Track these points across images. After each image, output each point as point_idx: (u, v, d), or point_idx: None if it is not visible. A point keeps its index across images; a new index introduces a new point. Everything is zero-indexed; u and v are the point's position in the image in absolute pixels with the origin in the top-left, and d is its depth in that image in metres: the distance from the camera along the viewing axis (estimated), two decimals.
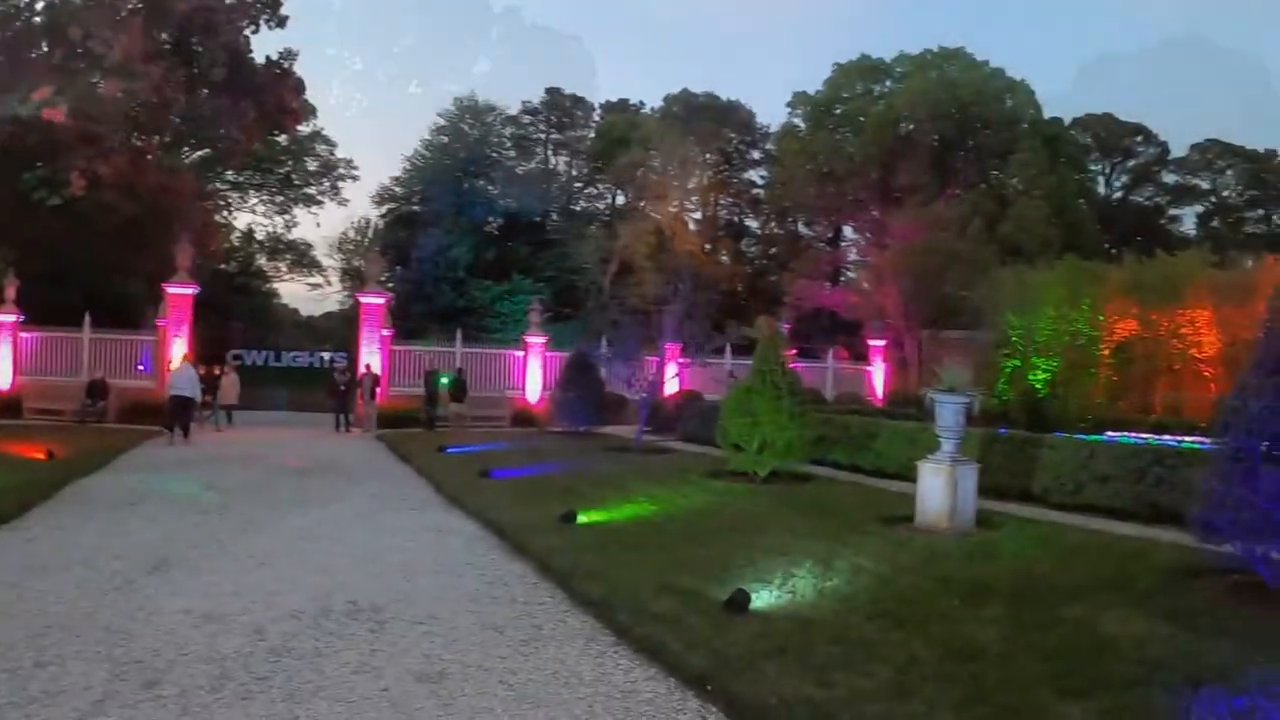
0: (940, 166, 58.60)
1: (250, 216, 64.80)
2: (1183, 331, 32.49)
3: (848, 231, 66.02)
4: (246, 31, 38.85)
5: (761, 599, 8.79)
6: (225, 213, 60.29)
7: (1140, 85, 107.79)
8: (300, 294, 68.94)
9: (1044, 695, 6.58)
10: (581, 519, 13.29)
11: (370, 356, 34.23)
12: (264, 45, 57.65)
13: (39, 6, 34.59)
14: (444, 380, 34.50)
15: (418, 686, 6.81)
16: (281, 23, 39.77)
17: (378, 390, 33.37)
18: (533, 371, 37.84)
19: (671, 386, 33.08)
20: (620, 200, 68.87)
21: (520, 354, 38.35)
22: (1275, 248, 49.49)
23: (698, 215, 67.49)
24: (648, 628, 8.05)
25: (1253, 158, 73.35)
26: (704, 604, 8.71)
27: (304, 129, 55.86)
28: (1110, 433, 22.55)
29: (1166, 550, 11.48)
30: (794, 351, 40.70)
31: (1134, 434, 22.15)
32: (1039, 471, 16.47)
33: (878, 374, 46.33)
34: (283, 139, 56.27)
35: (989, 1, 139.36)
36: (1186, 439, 18.26)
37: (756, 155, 72.68)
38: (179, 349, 31.61)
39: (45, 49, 33.86)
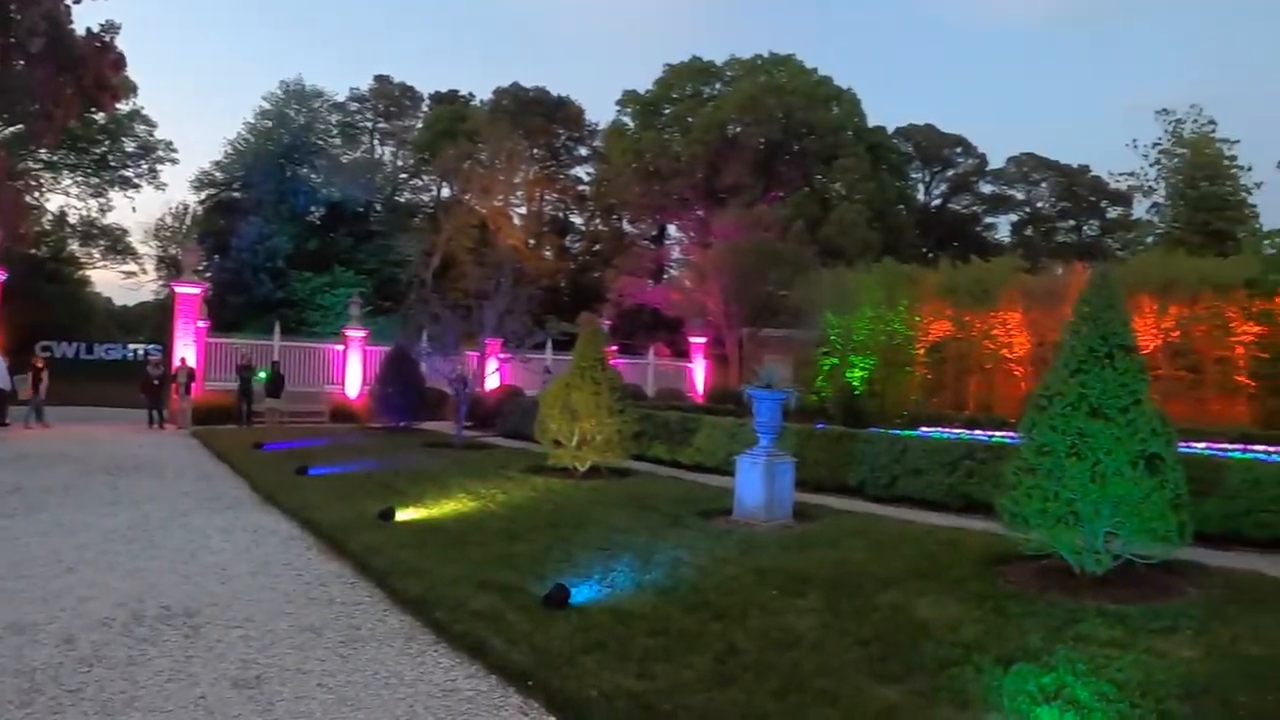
0: (765, 169, 59.66)
1: (63, 199, 61.10)
2: (994, 333, 33.67)
3: (672, 230, 66.60)
4: (68, 0, 37.09)
5: (581, 593, 8.76)
6: (37, 194, 57.14)
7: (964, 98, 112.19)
8: (114, 282, 66.49)
9: (860, 680, 6.73)
10: (400, 516, 13.09)
11: (185, 349, 32.93)
12: (85, 17, 54.92)
13: None
14: (262, 375, 33.59)
15: (234, 693, 6.58)
16: None
17: (193, 385, 32.26)
18: (352, 366, 37.21)
19: (492, 382, 32.88)
20: (445, 193, 67.62)
21: (340, 348, 37.75)
22: (1084, 256, 52.01)
23: (523, 210, 67.05)
24: (467, 625, 7.97)
25: (1065, 171, 76.88)
26: (524, 600, 8.66)
27: (123, 107, 53.17)
28: (925, 428, 23.23)
29: (978, 539, 11.87)
30: (615, 348, 40.97)
31: (947, 429, 22.85)
32: (855, 465, 16.89)
33: (698, 370, 46.92)
34: (100, 117, 53.50)
35: (825, 11, 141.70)
36: (997, 434, 18.92)
37: (584, 152, 72.94)
38: None
39: None
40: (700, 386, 46.11)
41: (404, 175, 71.22)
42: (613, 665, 6.93)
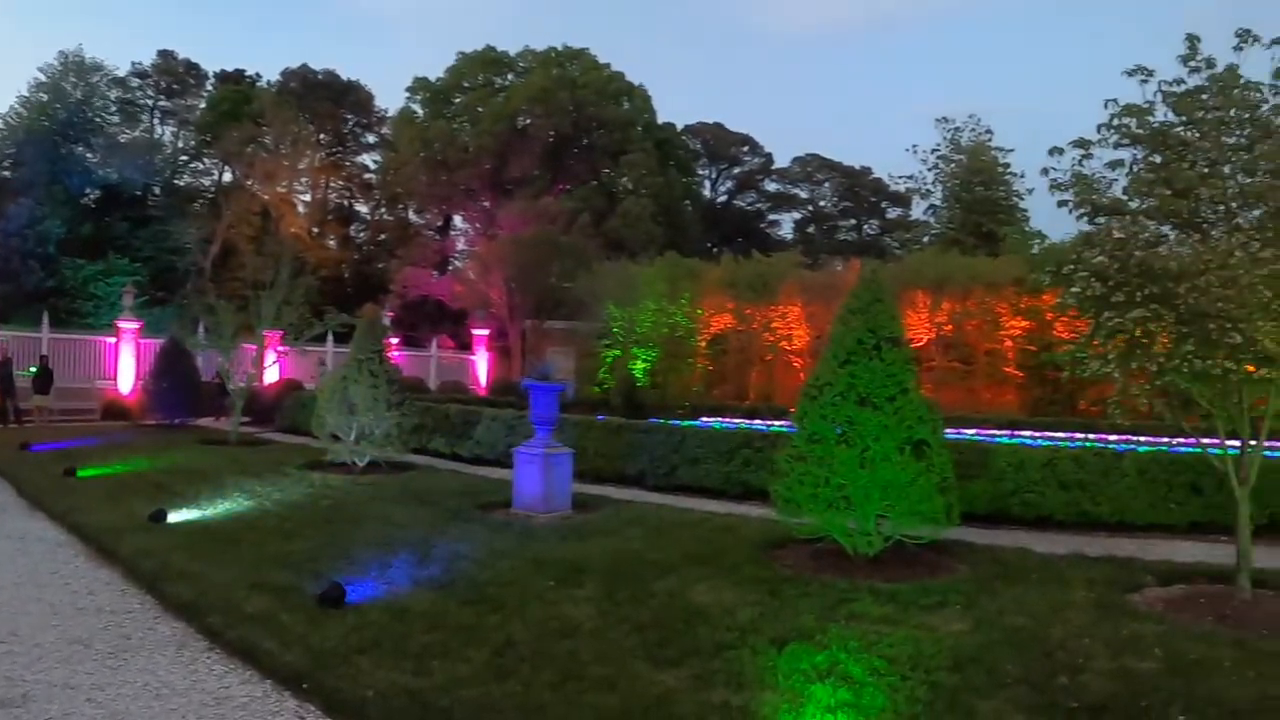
0: (554, 162, 59.66)
1: None
2: (775, 325, 34.50)
3: (458, 221, 65.76)
4: None
5: (358, 592, 8.63)
6: None
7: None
8: None
9: (638, 665, 6.82)
10: (173, 518, 12.68)
11: None
12: None
13: None
14: (33, 369, 31.84)
15: (1, 713, 6.26)
16: None
17: None
18: (125, 360, 35.63)
19: (271, 375, 32.02)
20: (227, 177, 64.72)
21: (113, 340, 36.04)
22: (864, 253, 53.79)
23: (307, 198, 64.79)
24: (241, 629, 7.78)
25: (848, 172, 79.22)
26: (299, 600, 8.50)
27: None
28: (706, 418, 23.61)
29: (754, 524, 12.12)
30: (398, 340, 40.42)
31: (728, 419, 23.27)
32: (635, 456, 17.03)
33: (481, 363, 46.66)
34: None
35: (620, 6, 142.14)
36: (776, 423, 19.33)
37: (372, 139, 70.97)
38: None
39: None
40: (483, 379, 45.86)
41: (185, 157, 67.22)
42: (389, 663, 6.87)
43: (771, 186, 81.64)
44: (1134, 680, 6.71)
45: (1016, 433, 20.35)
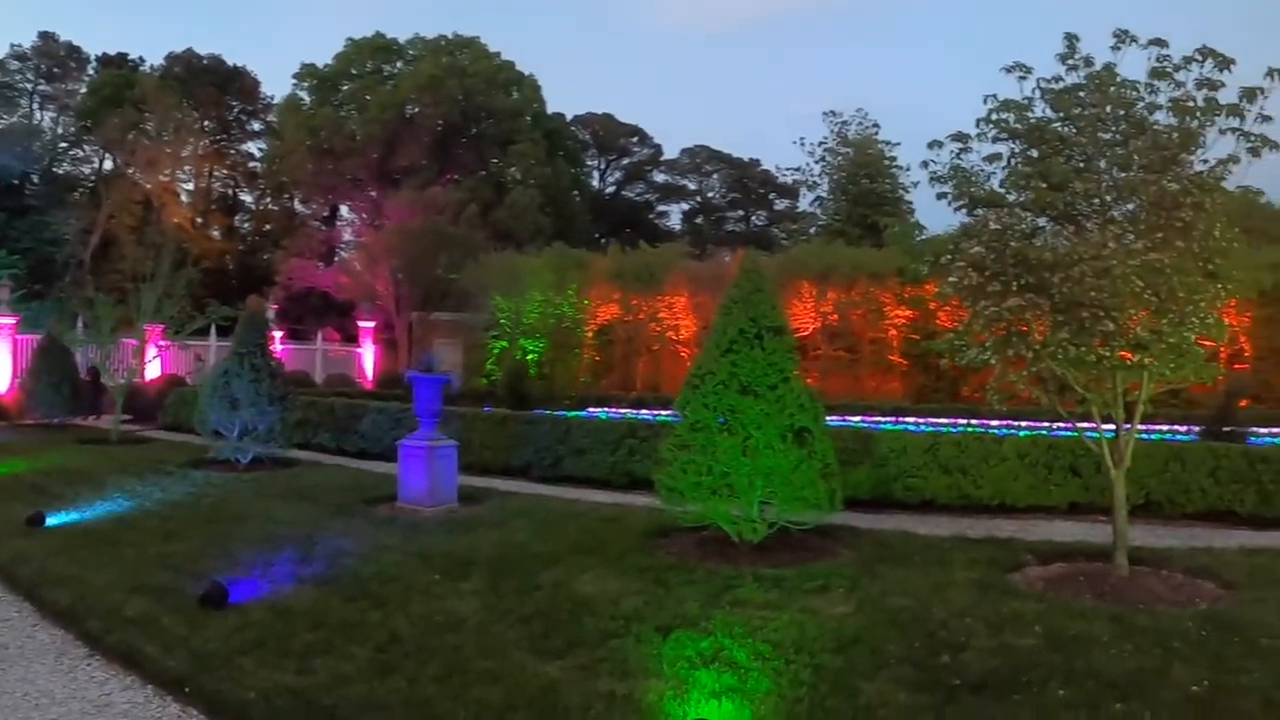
0: (442, 151, 58.92)
1: None
2: (661, 315, 34.58)
3: (344, 211, 64.71)
4: None
5: (241, 591, 8.47)
6: None
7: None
8: None
9: (522, 657, 6.83)
10: (51, 521, 12.29)
11: None
12: None
13: None
14: None
15: None
16: None
17: None
18: (1, 357, 34.56)
19: (152, 371, 31.27)
20: (109, 165, 62.61)
21: None
22: (751, 244, 54.18)
23: (190, 186, 63.30)
24: (121, 633, 7.60)
25: (737, 164, 79.59)
26: (180, 602, 8.33)
27: None
28: (592, 409, 23.63)
29: (640, 514, 12.20)
30: (283, 333, 39.76)
31: (614, 409, 23.32)
32: (521, 447, 17.00)
33: (368, 356, 46.00)
34: None
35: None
36: (662, 413, 19.43)
37: (258, 126, 69.29)
38: None
39: None
40: (370, 372, 45.28)
41: (64, 144, 64.82)
42: (273, 663, 6.79)
43: (660, 178, 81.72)
44: (1014, 656, 6.90)
45: (901, 419, 20.71)
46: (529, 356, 35.26)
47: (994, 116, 9.63)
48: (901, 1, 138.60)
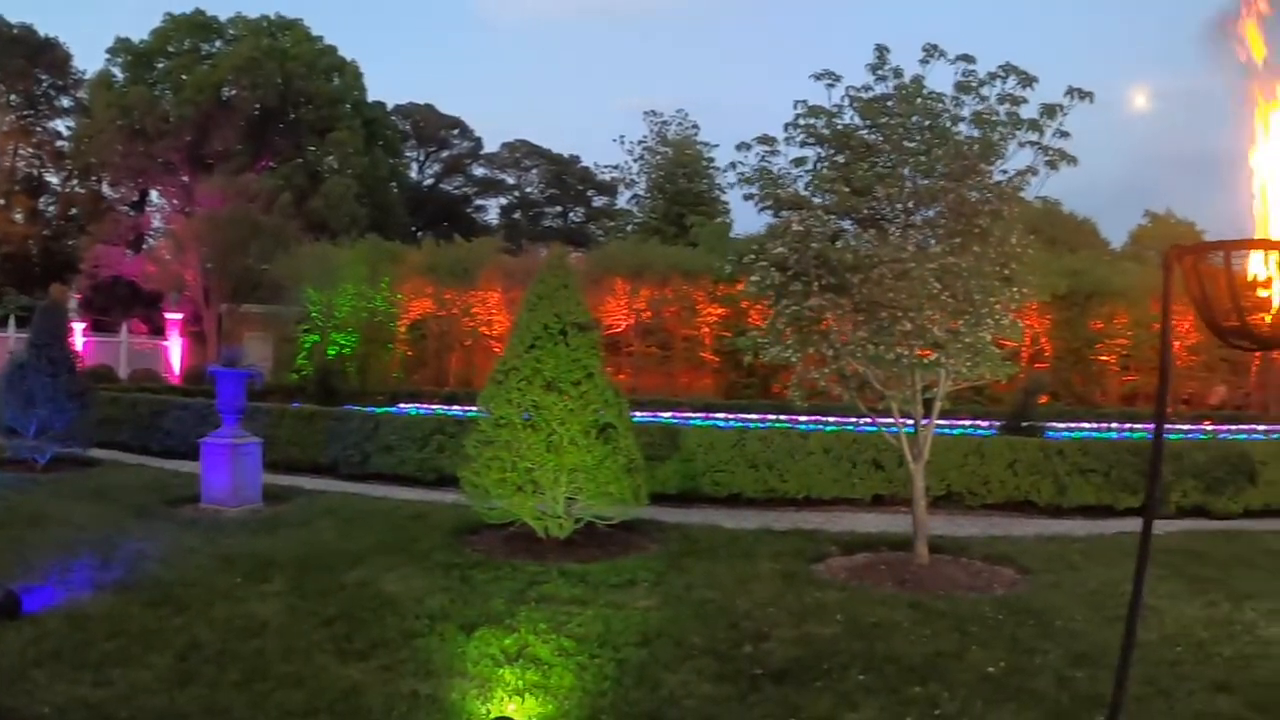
0: (258, 136, 57.28)
1: None
2: (475, 310, 34.35)
3: (155, 196, 62.27)
4: None
5: (35, 599, 8.06)
6: None
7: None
8: None
9: (325, 660, 6.71)
10: None
11: None
12: None
13: None
14: None
15: None
16: None
17: None
18: None
19: None
20: None
21: None
22: (569, 240, 54.36)
23: None
24: None
25: (556, 160, 79.40)
26: None
27: None
28: (404, 404, 23.34)
29: (448, 511, 12.04)
30: (86, 324, 38.26)
31: (426, 405, 23.09)
32: (329, 444, 16.66)
33: (175, 349, 44.53)
34: None
35: None
36: (472, 408, 19.29)
37: (67, 103, 65.74)
38: None
39: None
40: (177, 366, 43.81)
41: None
42: (69, 675, 6.47)
43: (479, 171, 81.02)
44: (816, 645, 7.08)
45: (711, 415, 20.97)
46: (341, 351, 34.64)
47: (801, 121, 9.86)
48: (728, 5, 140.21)
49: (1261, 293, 3.38)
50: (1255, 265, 3.40)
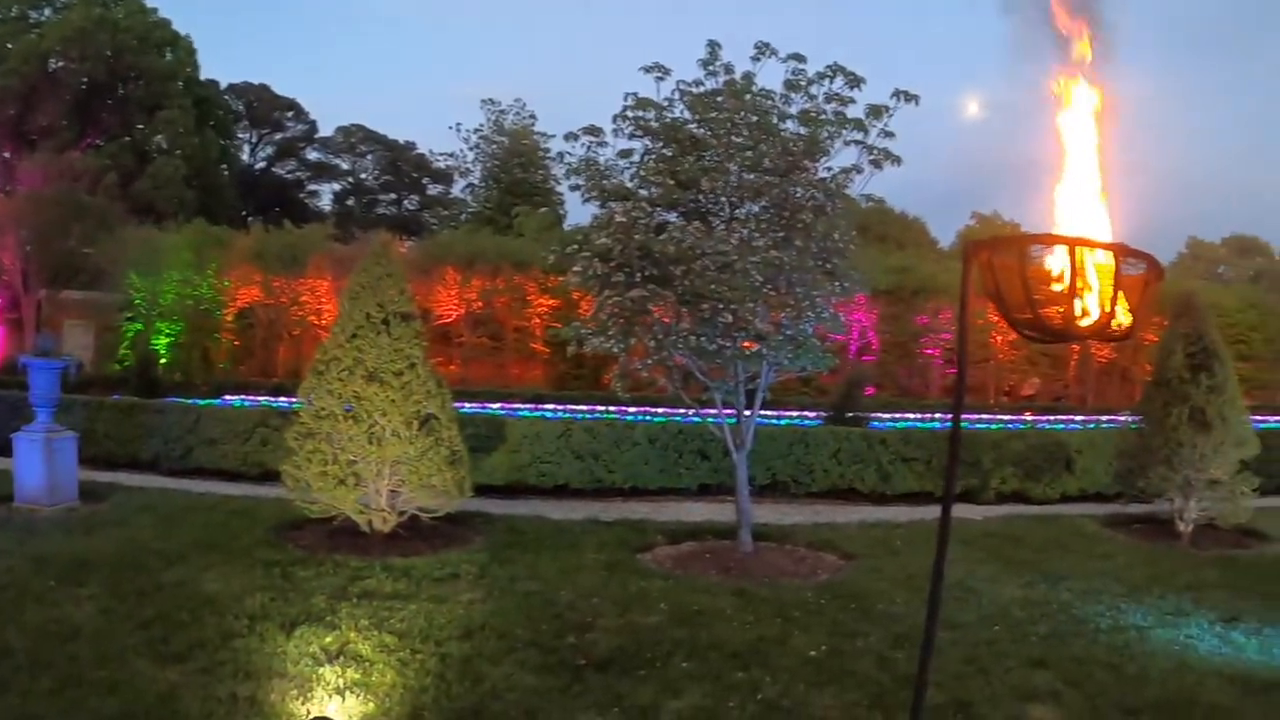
0: (84, 112, 54.98)
1: None
2: (304, 299, 33.70)
3: None
4: None
5: None
6: None
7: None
8: None
9: (141, 664, 6.53)
10: None
11: None
12: None
13: None
14: None
15: None
16: None
17: None
18: None
19: None
20: None
21: None
22: (402, 228, 53.74)
23: None
24: None
25: (392, 146, 78.16)
26: None
27: None
28: (229, 396, 22.79)
29: (271, 506, 11.76)
30: None
31: (252, 396, 22.59)
32: (149, 438, 16.15)
33: None
34: None
35: None
36: (297, 400, 18.96)
37: None
38: None
39: None
40: None
41: None
42: None
43: (313, 155, 79.09)
44: (640, 633, 7.20)
45: (540, 406, 20.97)
46: (164, 340, 33.64)
47: (630, 114, 9.93)
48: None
49: (1055, 286, 3.55)
50: (1054, 261, 3.57)
